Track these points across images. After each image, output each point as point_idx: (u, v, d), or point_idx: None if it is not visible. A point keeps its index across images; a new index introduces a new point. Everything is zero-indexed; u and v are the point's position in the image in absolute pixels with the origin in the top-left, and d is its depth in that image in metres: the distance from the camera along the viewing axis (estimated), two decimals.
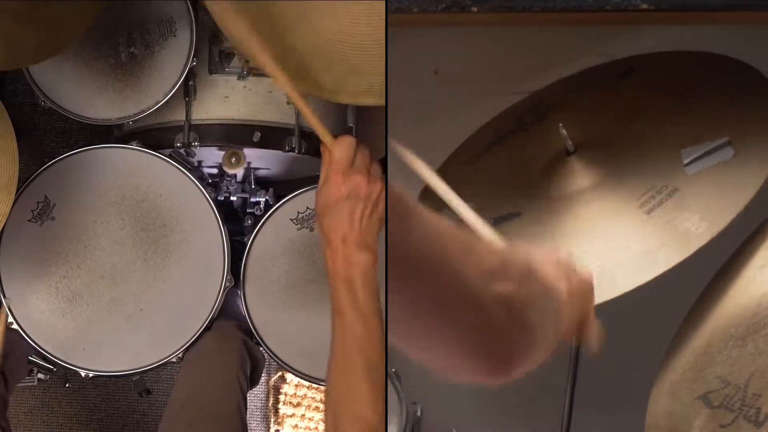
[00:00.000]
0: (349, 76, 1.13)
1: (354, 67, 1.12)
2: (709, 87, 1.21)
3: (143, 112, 1.39)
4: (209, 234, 1.38)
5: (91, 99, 1.40)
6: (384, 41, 1.08)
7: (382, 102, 1.14)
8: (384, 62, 1.09)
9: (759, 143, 1.09)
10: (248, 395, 1.43)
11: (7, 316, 1.34)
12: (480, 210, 1.08)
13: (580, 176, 1.17)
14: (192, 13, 1.36)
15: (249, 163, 1.48)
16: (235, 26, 0.99)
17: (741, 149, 1.09)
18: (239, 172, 1.47)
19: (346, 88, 1.15)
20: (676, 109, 1.19)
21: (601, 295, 1.08)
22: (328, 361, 0.95)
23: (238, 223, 1.51)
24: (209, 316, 1.37)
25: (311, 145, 1.43)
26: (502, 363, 0.68)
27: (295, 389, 1.74)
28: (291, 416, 1.74)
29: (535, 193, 1.20)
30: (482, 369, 0.68)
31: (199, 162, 1.49)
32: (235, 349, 1.41)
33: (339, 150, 0.97)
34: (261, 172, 1.55)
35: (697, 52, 1.26)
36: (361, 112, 1.53)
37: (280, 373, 1.74)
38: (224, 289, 1.38)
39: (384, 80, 1.11)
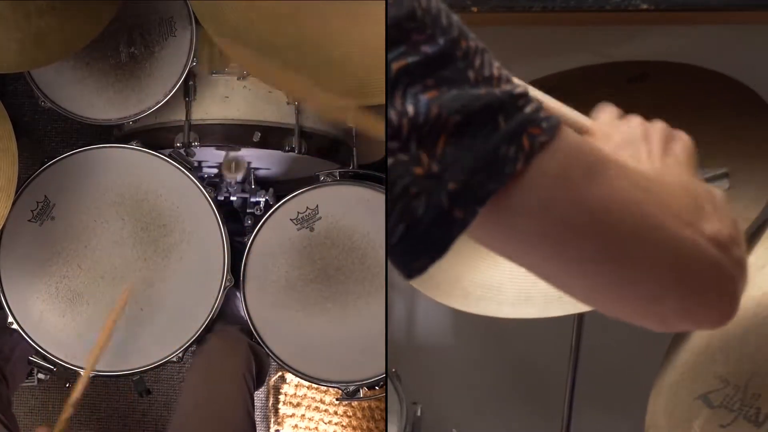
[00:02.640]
0: (332, 76, 1.13)
1: (338, 66, 1.12)
2: (717, 110, 1.20)
3: (143, 112, 1.39)
4: (209, 234, 1.38)
5: (91, 99, 1.40)
6: (372, 41, 1.08)
7: (363, 102, 1.14)
8: (368, 62, 1.08)
9: (755, 178, 1.08)
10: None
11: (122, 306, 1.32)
12: None
13: None
14: (192, 13, 1.36)
15: (249, 163, 1.48)
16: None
17: (737, 182, 1.09)
18: (239, 176, 1.48)
19: (329, 86, 1.14)
20: (681, 126, 1.19)
21: (580, 308, 1.08)
22: None
23: (238, 223, 1.51)
24: (209, 316, 1.37)
25: (311, 145, 1.43)
26: (729, 301, 0.65)
27: (295, 389, 1.74)
28: (291, 416, 1.73)
29: None
30: (709, 313, 0.65)
31: (199, 162, 1.49)
32: (241, 350, 1.41)
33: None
34: (261, 172, 1.55)
35: (709, 71, 1.25)
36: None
37: (280, 373, 1.74)
38: (224, 289, 1.37)
39: (365, 81, 1.10)
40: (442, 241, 0.54)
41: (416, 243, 0.54)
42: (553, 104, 0.73)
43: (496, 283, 1.14)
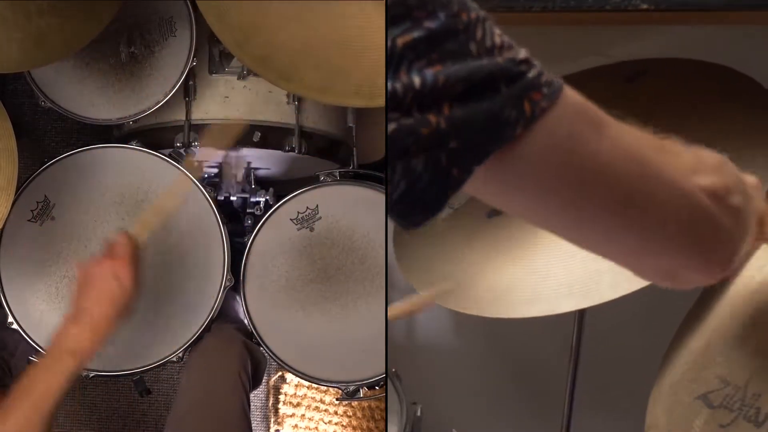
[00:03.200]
0: (336, 77, 1.13)
1: (342, 68, 1.12)
2: (718, 99, 1.21)
3: (143, 112, 1.39)
4: (209, 234, 1.38)
5: (91, 99, 1.40)
6: (378, 42, 1.08)
7: (369, 104, 1.13)
8: (375, 64, 1.08)
9: (759, 165, 1.09)
10: (250, 396, 1.43)
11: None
12: (469, 207, 1.08)
13: None
14: (192, 13, 1.36)
15: (249, 163, 1.48)
16: None
17: (741, 169, 1.09)
18: (239, 173, 1.48)
19: (333, 88, 1.14)
20: (681, 117, 1.19)
21: (589, 302, 1.09)
22: None
23: (238, 223, 1.51)
24: (209, 315, 1.37)
25: (311, 145, 1.43)
26: (724, 252, 0.68)
27: (295, 389, 1.74)
28: (291, 416, 1.73)
29: None
30: (704, 263, 0.67)
31: (199, 162, 1.49)
32: (236, 350, 1.41)
33: None
34: (261, 172, 1.55)
35: (709, 63, 1.25)
36: (361, 112, 1.53)
37: (280, 373, 1.74)
38: (224, 289, 1.37)
39: (372, 82, 1.10)
40: (438, 198, 0.56)
41: (415, 200, 0.56)
42: None
43: (505, 285, 1.14)
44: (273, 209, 1.40)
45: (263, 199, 1.48)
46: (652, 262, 0.67)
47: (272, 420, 1.75)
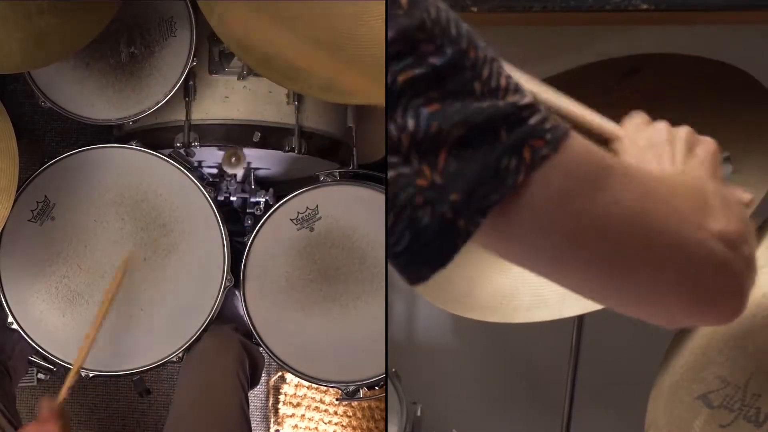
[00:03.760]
0: (339, 76, 1.13)
1: (344, 67, 1.12)
2: (715, 96, 1.20)
3: (143, 112, 1.39)
4: (209, 234, 1.38)
5: (91, 99, 1.40)
6: (380, 41, 1.08)
7: (370, 102, 1.14)
8: (375, 61, 1.08)
9: (759, 162, 1.08)
10: (248, 395, 1.43)
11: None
12: None
13: None
14: (192, 13, 1.36)
15: (249, 163, 1.48)
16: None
17: (741, 166, 1.09)
18: (239, 172, 1.48)
19: (336, 87, 1.14)
20: (678, 115, 1.19)
21: (595, 306, 1.09)
22: None
23: (238, 223, 1.51)
24: (209, 315, 1.37)
25: (311, 145, 1.43)
26: (738, 299, 0.66)
27: (295, 389, 1.74)
28: (291, 416, 1.73)
29: None
30: (716, 314, 0.66)
31: (199, 162, 1.49)
32: (234, 349, 1.41)
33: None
34: (261, 172, 1.55)
35: (707, 59, 1.24)
36: (361, 111, 1.53)
37: (280, 373, 1.74)
38: (224, 289, 1.37)
39: (374, 79, 1.10)
40: (446, 251, 0.54)
41: (421, 252, 0.54)
42: (580, 112, 0.75)
43: (509, 290, 1.14)
44: (273, 209, 1.40)
45: (263, 199, 1.48)
46: (657, 313, 0.65)
47: (272, 420, 1.75)
